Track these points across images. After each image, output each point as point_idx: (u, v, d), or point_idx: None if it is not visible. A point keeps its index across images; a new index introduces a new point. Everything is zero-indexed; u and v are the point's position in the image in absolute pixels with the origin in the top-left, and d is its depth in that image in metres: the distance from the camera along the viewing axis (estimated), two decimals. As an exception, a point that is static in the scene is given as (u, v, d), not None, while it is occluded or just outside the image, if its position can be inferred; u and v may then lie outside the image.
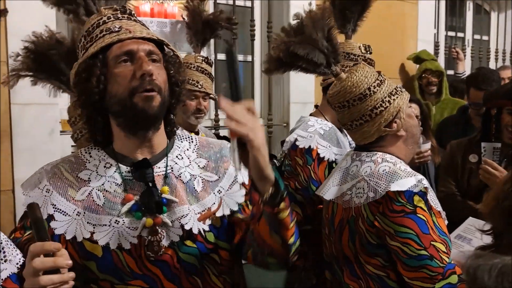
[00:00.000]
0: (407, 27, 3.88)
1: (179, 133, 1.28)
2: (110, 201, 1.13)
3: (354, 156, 1.59)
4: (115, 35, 1.11)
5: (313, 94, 3.24)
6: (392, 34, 3.75)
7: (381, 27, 3.59)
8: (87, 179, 1.15)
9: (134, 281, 1.12)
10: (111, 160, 1.17)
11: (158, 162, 1.18)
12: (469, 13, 4.62)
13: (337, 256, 1.60)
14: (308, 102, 3.21)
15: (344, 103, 1.53)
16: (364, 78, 1.51)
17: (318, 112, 2.22)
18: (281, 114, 3.23)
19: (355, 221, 1.49)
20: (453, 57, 4.02)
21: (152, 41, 1.14)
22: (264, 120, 3.20)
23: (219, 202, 1.19)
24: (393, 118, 1.51)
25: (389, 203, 1.40)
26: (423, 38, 3.97)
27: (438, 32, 4.29)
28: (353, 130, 1.56)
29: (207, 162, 1.23)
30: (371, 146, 1.55)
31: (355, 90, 1.50)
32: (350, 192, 1.52)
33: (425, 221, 1.37)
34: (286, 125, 3.18)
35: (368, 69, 1.56)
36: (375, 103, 1.50)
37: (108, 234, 1.11)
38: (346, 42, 2.13)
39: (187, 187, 1.18)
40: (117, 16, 1.16)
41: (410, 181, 1.40)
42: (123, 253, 1.11)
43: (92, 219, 1.12)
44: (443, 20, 4.33)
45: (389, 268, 1.45)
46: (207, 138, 1.33)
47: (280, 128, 3.19)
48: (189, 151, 1.24)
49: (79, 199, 1.14)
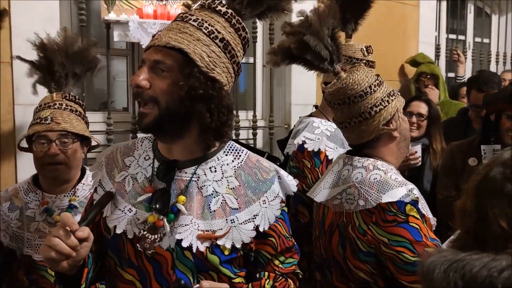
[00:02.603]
0: (408, 29, 3.89)
1: (232, 145, 1.25)
2: (135, 190, 1.20)
3: (346, 160, 1.60)
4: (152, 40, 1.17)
5: (315, 96, 3.25)
6: (393, 37, 3.76)
7: (382, 29, 3.60)
8: (128, 165, 1.25)
9: (129, 269, 1.18)
10: (151, 153, 1.24)
11: (188, 167, 1.18)
12: (470, 15, 4.63)
13: (326, 258, 1.61)
14: (309, 104, 3.21)
15: (344, 100, 1.54)
16: (365, 77, 1.53)
17: (319, 113, 2.22)
18: (283, 115, 3.24)
19: (345, 226, 1.50)
20: (454, 59, 4.03)
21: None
22: (266, 121, 3.21)
23: (226, 231, 1.15)
24: (391, 118, 1.53)
25: (382, 214, 1.41)
26: (424, 40, 3.98)
27: (439, 34, 4.30)
28: (350, 128, 1.55)
29: (239, 186, 1.19)
30: (365, 147, 1.56)
31: (356, 88, 1.52)
32: (340, 196, 1.53)
33: (418, 228, 1.39)
34: (287, 126, 3.19)
35: (368, 69, 1.58)
36: (375, 101, 1.51)
37: (118, 219, 1.18)
38: (347, 44, 2.13)
39: (204, 202, 1.17)
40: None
41: (401, 191, 1.41)
42: (126, 240, 1.17)
43: (117, 202, 1.20)
44: (444, 22, 4.34)
45: (377, 276, 1.46)
46: (261, 161, 1.26)
47: (281, 130, 3.20)
48: (228, 166, 1.20)
49: (117, 181, 1.23)
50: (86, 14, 2.49)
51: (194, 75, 1.10)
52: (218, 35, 1.14)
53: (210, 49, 1.13)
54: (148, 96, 1.11)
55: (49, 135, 1.70)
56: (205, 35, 1.13)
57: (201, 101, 1.11)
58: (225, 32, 1.16)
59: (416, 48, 3.93)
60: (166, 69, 1.11)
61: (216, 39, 1.14)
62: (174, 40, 1.11)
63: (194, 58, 1.10)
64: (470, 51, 4.46)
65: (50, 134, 1.70)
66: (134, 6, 2.63)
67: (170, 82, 1.11)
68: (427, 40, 4.01)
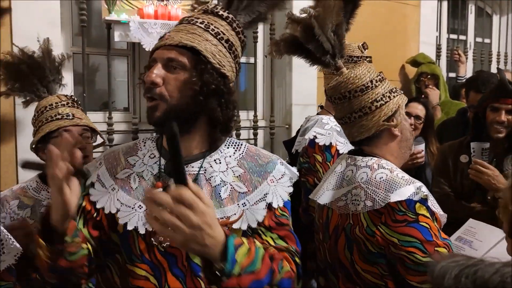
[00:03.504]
0: (409, 29, 3.88)
1: (230, 139, 1.32)
2: (142, 187, 1.22)
3: (349, 160, 1.57)
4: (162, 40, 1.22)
5: (315, 96, 3.25)
6: (394, 37, 3.76)
7: (383, 29, 3.60)
8: (133, 164, 1.26)
9: (141, 265, 1.18)
10: (156, 152, 1.27)
11: (194, 162, 1.24)
12: (471, 16, 4.63)
13: (332, 263, 1.58)
14: (310, 104, 3.22)
15: (345, 94, 1.52)
16: (367, 72, 1.52)
17: (326, 111, 2.25)
18: (283, 116, 3.24)
19: (352, 228, 1.47)
20: (455, 59, 4.03)
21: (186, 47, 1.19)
22: (266, 122, 3.22)
23: (240, 214, 1.20)
24: (392, 114, 1.51)
25: (391, 213, 1.38)
26: (425, 40, 3.97)
27: (440, 34, 4.30)
28: (350, 123, 1.54)
29: (243, 173, 1.26)
30: (366, 144, 1.54)
31: (357, 82, 1.50)
32: (345, 198, 1.50)
33: (428, 228, 1.36)
34: (288, 127, 3.19)
35: (370, 65, 1.57)
36: (376, 96, 1.50)
37: (129, 216, 1.19)
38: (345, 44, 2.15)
39: (213, 192, 1.21)
40: None
41: (409, 190, 1.38)
42: (138, 236, 1.18)
43: (122, 198, 1.21)
44: (445, 22, 4.33)
45: (387, 278, 1.43)
46: (260, 149, 1.35)
47: (282, 130, 3.20)
48: (231, 158, 1.27)
49: (119, 178, 1.24)
50: (87, 15, 2.50)
51: (208, 71, 1.18)
52: (224, 36, 1.23)
53: (218, 49, 1.21)
54: (159, 92, 1.17)
55: (74, 129, 1.76)
56: (213, 36, 1.22)
57: (213, 96, 1.19)
58: (228, 34, 1.25)
59: (417, 48, 3.93)
60: (179, 67, 1.18)
61: (222, 40, 1.23)
62: (186, 40, 1.18)
63: (207, 56, 1.18)
64: (471, 51, 4.45)
65: (75, 128, 1.77)
66: (134, 6, 2.63)
67: (183, 79, 1.18)
68: (428, 40, 4.01)
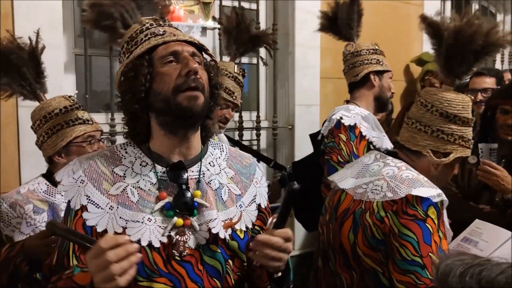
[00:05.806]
0: (412, 29, 3.86)
1: (211, 142, 1.32)
2: (144, 199, 1.16)
3: (378, 156, 1.61)
4: (160, 37, 1.19)
5: (318, 96, 3.24)
6: (397, 36, 3.74)
7: (386, 29, 3.58)
8: (122, 175, 1.18)
9: (159, 279, 1.14)
10: (147, 159, 1.21)
11: (192, 166, 1.23)
12: (474, 15, 4.61)
13: (333, 244, 1.61)
14: (313, 104, 3.21)
15: (427, 104, 1.54)
16: (461, 103, 1.51)
17: (352, 103, 2.40)
18: (286, 116, 3.23)
19: (362, 213, 1.50)
20: (458, 59, 4.01)
21: (193, 45, 1.22)
22: (269, 122, 3.20)
23: (239, 216, 1.25)
24: (443, 154, 1.52)
25: (404, 205, 1.40)
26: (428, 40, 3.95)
27: (444, 34, 4.28)
28: (409, 127, 1.57)
29: (235, 174, 1.29)
30: (404, 153, 1.57)
31: (447, 106, 1.51)
32: (366, 186, 1.53)
33: (431, 232, 1.37)
34: (291, 127, 3.18)
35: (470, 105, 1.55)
36: (446, 128, 1.50)
37: (140, 231, 1.13)
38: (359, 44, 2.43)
39: (216, 195, 1.23)
40: (159, 23, 1.25)
41: (432, 191, 1.41)
42: (152, 250, 1.13)
43: (125, 215, 1.14)
44: (449, 22, 4.32)
45: (386, 265, 1.45)
46: (238, 150, 1.40)
47: (285, 131, 3.19)
48: (220, 160, 1.30)
49: (113, 194, 1.16)
50: (89, 16, 2.49)
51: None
52: None
53: None
54: (201, 84, 1.17)
55: (96, 134, 1.79)
56: None
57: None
58: None
59: (421, 48, 3.92)
60: (200, 62, 1.21)
61: None
62: (189, 37, 1.21)
63: (209, 52, 1.24)
64: (475, 51, 4.43)
65: (97, 133, 1.80)
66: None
67: (206, 74, 1.21)
68: (431, 39, 3.99)
